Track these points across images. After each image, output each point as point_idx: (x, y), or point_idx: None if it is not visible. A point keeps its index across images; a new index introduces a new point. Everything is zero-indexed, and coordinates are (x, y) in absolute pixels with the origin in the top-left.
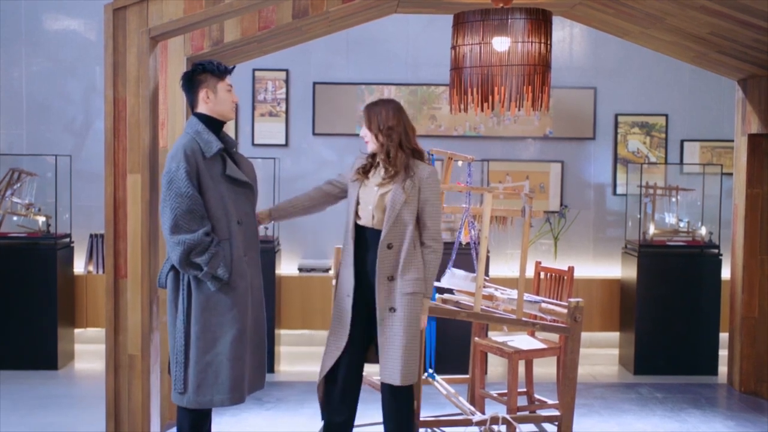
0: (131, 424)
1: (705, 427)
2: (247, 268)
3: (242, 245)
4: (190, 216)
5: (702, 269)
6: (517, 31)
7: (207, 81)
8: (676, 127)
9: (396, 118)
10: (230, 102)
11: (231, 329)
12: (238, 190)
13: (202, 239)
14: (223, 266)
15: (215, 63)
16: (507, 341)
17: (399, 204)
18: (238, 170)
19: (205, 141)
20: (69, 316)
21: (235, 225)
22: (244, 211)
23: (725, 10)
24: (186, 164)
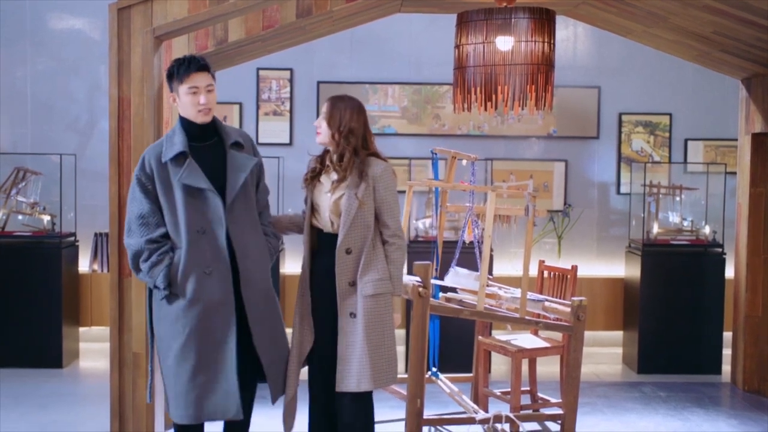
0: (135, 421)
1: (708, 425)
2: (208, 282)
3: (203, 256)
4: (140, 221)
5: (706, 268)
6: (520, 31)
7: (172, 84)
8: (680, 126)
9: (358, 120)
10: (192, 106)
11: (174, 342)
12: (201, 195)
13: (145, 246)
14: (163, 276)
15: (177, 65)
16: (510, 340)
17: (354, 209)
18: (194, 176)
19: (169, 144)
20: (73, 314)
21: (193, 234)
22: (209, 219)
23: (728, 8)
24: (140, 169)
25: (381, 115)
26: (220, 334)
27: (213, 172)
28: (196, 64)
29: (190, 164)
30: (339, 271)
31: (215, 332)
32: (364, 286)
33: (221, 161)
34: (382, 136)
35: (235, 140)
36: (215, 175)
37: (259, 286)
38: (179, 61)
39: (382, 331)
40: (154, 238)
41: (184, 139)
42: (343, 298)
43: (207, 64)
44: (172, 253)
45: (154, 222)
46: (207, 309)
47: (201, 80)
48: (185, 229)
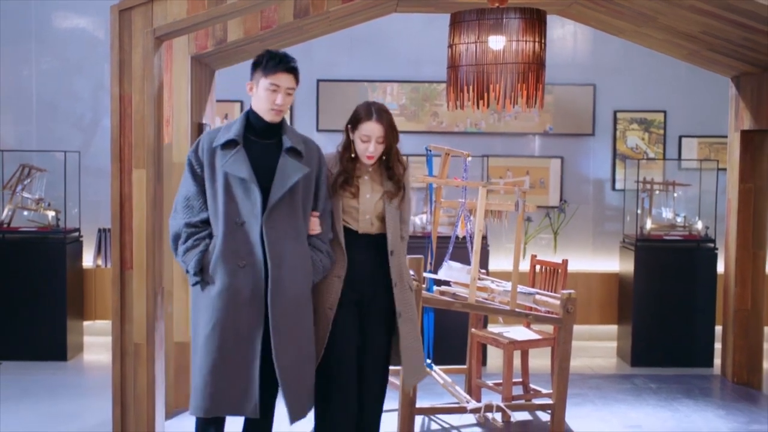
0: (137, 410)
1: (696, 416)
2: (241, 274)
3: (240, 248)
4: (185, 202)
5: (698, 263)
6: (511, 30)
7: (255, 73)
8: (674, 124)
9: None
10: (268, 102)
11: (201, 332)
12: (242, 186)
13: (183, 229)
14: (195, 262)
15: (269, 57)
16: (503, 332)
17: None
18: (237, 165)
19: (225, 131)
20: (78, 308)
21: (231, 224)
22: (247, 211)
23: (714, 9)
24: (192, 151)
25: None
26: (246, 329)
27: (262, 170)
28: (286, 64)
29: (238, 153)
30: (393, 272)
31: (242, 327)
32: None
33: (273, 162)
34: None
35: (292, 146)
36: (263, 174)
37: (290, 296)
38: (271, 54)
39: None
40: (194, 222)
41: (242, 129)
42: (399, 300)
43: (296, 67)
44: (208, 240)
45: (198, 206)
46: (236, 302)
47: (285, 81)
48: (223, 218)
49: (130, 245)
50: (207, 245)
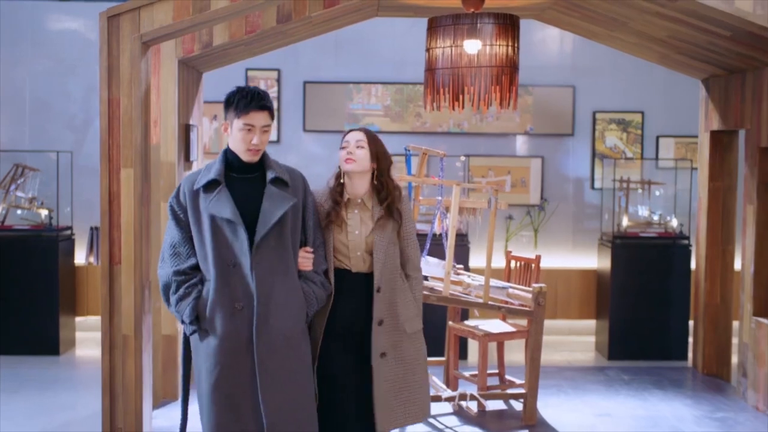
0: (125, 399)
1: (664, 404)
2: (240, 317)
3: (234, 290)
4: (173, 250)
5: (673, 259)
6: (485, 35)
7: (228, 113)
8: (651, 124)
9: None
10: (244, 143)
11: (206, 380)
12: (229, 227)
13: (173, 278)
14: (190, 310)
15: (238, 97)
16: (478, 325)
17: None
18: (221, 206)
19: (205, 172)
20: (70, 304)
21: (224, 267)
22: (236, 252)
23: (679, 15)
24: (174, 197)
25: (365, 114)
26: (250, 374)
27: (247, 205)
28: (258, 102)
29: (221, 193)
30: (376, 310)
31: (246, 372)
32: (401, 325)
33: (258, 196)
34: None
35: (276, 176)
36: (249, 209)
37: (278, 334)
38: (242, 92)
39: (423, 369)
40: (183, 269)
41: (222, 169)
42: (375, 339)
43: (269, 105)
44: (201, 286)
45: (185, 252)
46: (238, 347)
47: (259, 119)
48: (214, 261)
49: (118, 241)
50: (200, 291)
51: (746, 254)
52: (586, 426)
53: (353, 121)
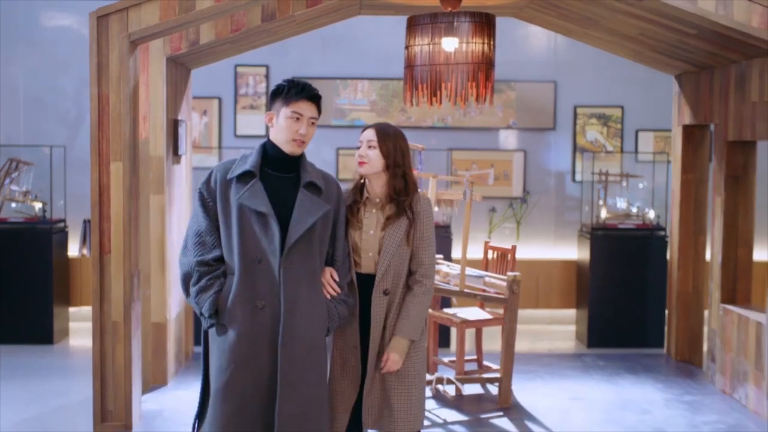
0: (115, 383)
1: (635, 388)
2: (260, 316)
3: (258, 287)
4: (198, 239)
5: (650, 250)
6: (462, 33)
7: (275, 103)
8: (631, 118)
9: (407, 149)
10: (289, 132)
11: (216, 381)
12: (260, 221)
13: (195, 268)
14: (209, 304)
15: (290, 85)
16: (456, 313)
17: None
18: (255, 198)
19: (241, 163)
20: (64, 295)
21: (248, 262)
22: (265, 247)
23: (647, 14)
24: (204, 183)
25: (351, 109)
26: (267, 375)
27: (280, 206)
28: (309, 91)
29: (255, 186)
30: (375, 313)
31: (263, 373)
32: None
33: (291, 197)
34: (352, 129)
35: (311, 180)
36: (281, 211)
37: (302, 344)
38: (291, 82)
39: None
40: (207, 260)
41: (259, 161)
42: (375, 344)
43: (319, 96)
44: (223, 279)
45: (211, 242)
46: (256, 346)
47: (308, 110)
48: (239, 255)
49: (108, 232)
50: (221, 284)
51: (714, 244)
52: (558, 408)
53: (340, 116)
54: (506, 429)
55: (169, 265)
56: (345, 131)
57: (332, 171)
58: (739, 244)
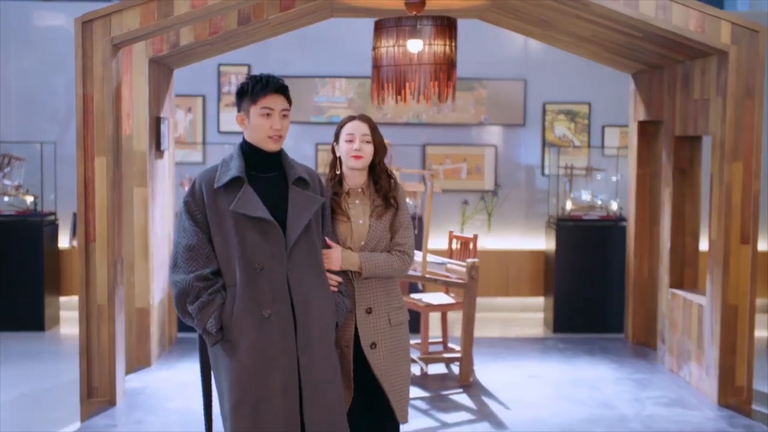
0: (100, 362)
1: (590, 367)
2: (267, 327)
3: (261, 296)
4: (190, 254)
5: (612, 240)
6: (425, 35)
7: (242, 103)
8: (598, 114)
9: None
10: (264, 130)
11: (228, 400)
12: (258, 227)
13: (193, 284)
14: (214, 319)
15: (252, 83)
16: (422, 298)
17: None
18: (250, 204)
19: (224, 169)
20: (55, 285)
21: (249, 270)
22: (267, 254)
23: (595, 18)
24: (189, 195)
25: (329, 106)
26: (280, 386)
27: (272, 206)
28: (274, 84)
29: (246, 191)
30: (358, 298)
31: (275, 385)
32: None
33: (282, 196)
34: (330, 125)
35: (300, 176)
36: (274, 211)
37: (320, 344)
38: (255, 79)
39: (406, 362)
40: (205, 274)
41: (242, 165)
42: (362, 328)
43: (285, 86)
44: (224, 293)
45: (204, 255)
46: (265, 357)
47: (277, 103)
48: (240, 264)
49: (93, 221)
50: (223, 298)
51: (663, 233)
52: (514, 385)
53: (318, 113)
54: (464, 403)
55: (152, 253)
56: (323, 128)
57: (312, 166)
58: (686, 232)
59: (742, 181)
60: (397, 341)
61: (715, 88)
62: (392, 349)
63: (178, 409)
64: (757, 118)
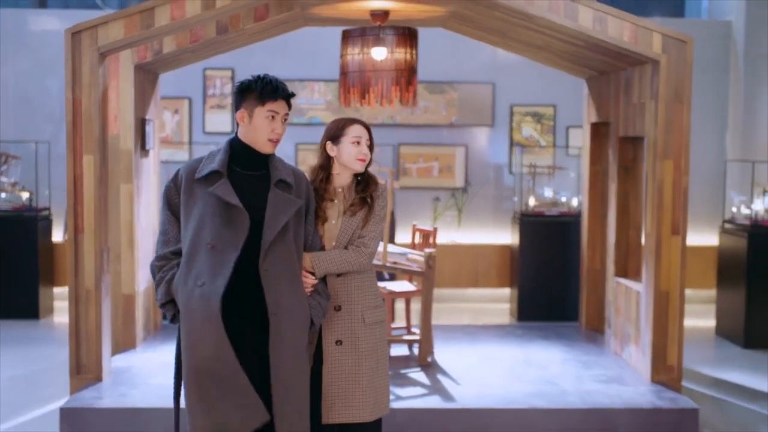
0: (88, 341)
1: (540, 349)
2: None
3: (200, 268)
4: (162, 237)
5: (572, 234)
6: (387, 44)
7: (247, 101)
8: (562, 116)
9: None
10: (266, 132)
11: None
12: (227, 215)
13: (155, 264)
14: (162, 293)
15: (264, 82)
16: (386, 286)
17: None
18: (230, 192)
19: (208, 162)
20: (48, 276)
21: (200, 246)
22: (228, 236)
23: (541, 29)
24: (171, 180)
25: (309, 108)
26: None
27: (250, 203)
28: (284, 91)
29: (224, 183)
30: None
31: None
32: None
33: (262, 195)
34: (309, 126)
35: (282, 178)
36: (251, 208)
37: (290, 346)
38: (265, 80)
39: (377, 360)
40: (164, 254)
41: (226, 160)
42: (327, 325)
43: (293, 94)
44: (176, 269)
45: (173, 237)
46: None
47: (283, 107)
48: (190, 238)
49: (81, 214)
50: (174, 274)
51: (609, 226)
52: (469, 366)
53: (299, 114)
54: (420, 380)
55: (138, 244)
56: (303, 128)
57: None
58: (630, 226)
59: (672, 178)
60: (372, 339)
61: (650, 93)
62: (365, 348)
63: (159, 384)
64: (685, 121)
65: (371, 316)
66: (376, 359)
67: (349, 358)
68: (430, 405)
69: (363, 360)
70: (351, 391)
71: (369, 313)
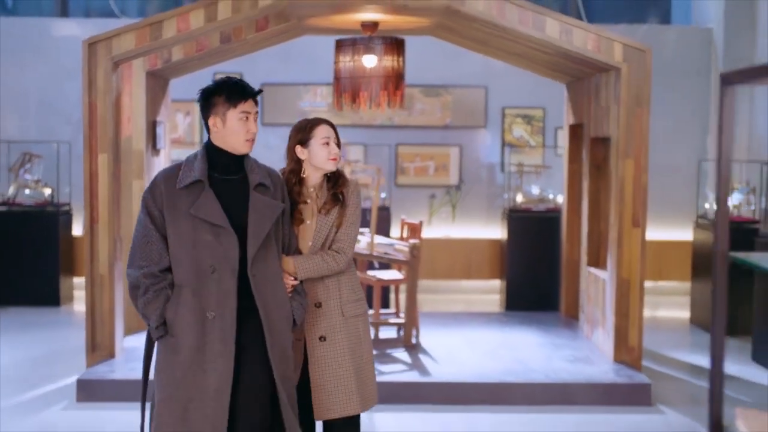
0: (102, 322)
1: (518, 332)
2: (210, 328)
3: (208, 298)
4: (143, 250)
5: (556, 228)
6: (377, 52)
7: (217, 107)
8: (551, 118)
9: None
10: (242, 133)
11: (163, 391)
12: (215, 231)
13: (141, 280)
14: (157, 316)
15: (229, 88)
16: (376, 274)
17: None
18: (209, 209)
19: (187, 170)
20: (69, 267)
21: (201, 272)
22: (219, 258)
23: (516, 39)
24: (148, 191)
25: (312, 110)
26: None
27: (232, 209)
28: (251, 89)
29: (207, 195)
30: (309, 293)
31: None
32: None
33: (242, 200)
34: None
35: (260, 181)
36: (234, 214)
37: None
38: (231, 83)
39: (362, 353)
40: (153, 272)
41: (205, 167)
42: (310, 322)
43: (260, 91)
44: (169, 291)
45: (157, 252)
46: (205, 357)
47: (252, 107)
48: (192, 265)
49: (96, 206)
50: (168, 296)
51: (583, 219)
52: (451, 347)
53: (303, 116)
54: (402, 359)
55: None
56: None
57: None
58: (600, 219)
59: (633, 175)
60: (354, 333)
61: (614, 97)
62: (347, 342)
63: None
64: (645, 123)
65: (351, 310)
66: (360, 352)
67: (334, 353)
68: (408, 379)
69: (347, 354)
70: (338, 386)
71: (349, 307)
